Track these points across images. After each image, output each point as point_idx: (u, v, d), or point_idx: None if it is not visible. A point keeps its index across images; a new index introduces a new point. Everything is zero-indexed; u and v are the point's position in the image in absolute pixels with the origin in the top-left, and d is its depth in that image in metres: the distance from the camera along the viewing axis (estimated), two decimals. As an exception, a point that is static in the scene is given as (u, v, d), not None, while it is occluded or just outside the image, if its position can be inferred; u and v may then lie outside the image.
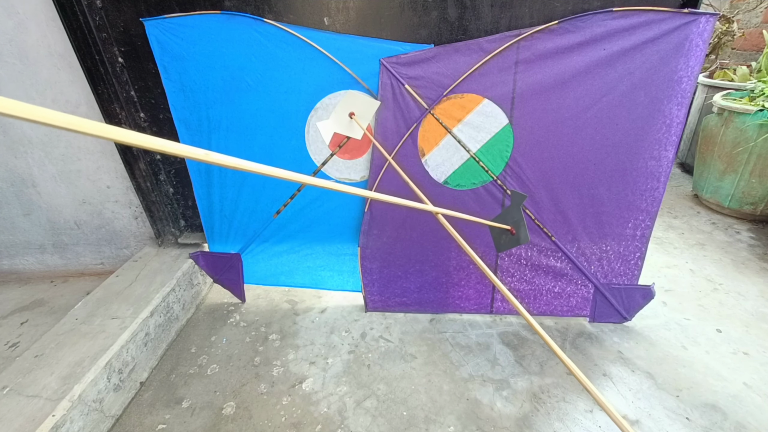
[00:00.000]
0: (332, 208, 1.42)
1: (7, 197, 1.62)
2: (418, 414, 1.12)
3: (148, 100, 1.39)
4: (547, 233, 1.32)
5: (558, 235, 1.32)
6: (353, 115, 1.23)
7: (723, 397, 1.12)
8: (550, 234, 1.31)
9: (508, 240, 1.08)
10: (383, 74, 1.20)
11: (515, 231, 1.04)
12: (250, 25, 1.18)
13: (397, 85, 1.21)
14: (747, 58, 2.68)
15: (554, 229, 1.31)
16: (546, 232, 1.32)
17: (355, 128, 1.24)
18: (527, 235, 1.04)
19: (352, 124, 1.24)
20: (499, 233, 1.10)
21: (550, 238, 1.32)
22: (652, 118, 1.15)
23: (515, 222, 1.05)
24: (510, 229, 1.05)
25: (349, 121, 1.24)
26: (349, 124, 1.24)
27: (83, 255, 1.76)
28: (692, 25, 1.05)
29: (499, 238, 1.11)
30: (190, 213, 1.62)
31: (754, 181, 1.90)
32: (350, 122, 1.24)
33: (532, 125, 1.21)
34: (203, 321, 1.51)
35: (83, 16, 1.22)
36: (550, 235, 1.31)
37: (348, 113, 1.23)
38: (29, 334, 1.46)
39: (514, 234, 1.05)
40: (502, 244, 1.10)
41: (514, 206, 1.07)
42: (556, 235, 1.32)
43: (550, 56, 1.13)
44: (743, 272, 1.64)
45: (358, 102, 1.21)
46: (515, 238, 1.06)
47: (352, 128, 1.24)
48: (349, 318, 1.49)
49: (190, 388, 1.22)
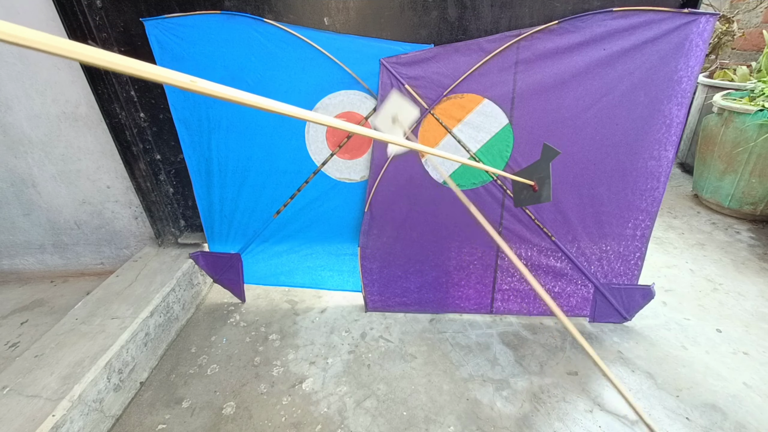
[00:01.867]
0: (332, 208, 1.42)
1: (7, 197, 1.62)
2: (418, 414, 1.12)
3: (148, 100, 1.39)
4: (547, 233, 1.31)
5: (558, 235, 1.32)
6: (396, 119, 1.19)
7: (723, 397, 1.12)
8: (550, 234, 1.31)
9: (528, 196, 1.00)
10: (383, 74, 1.20)
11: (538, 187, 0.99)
12: (250, 25, 1.18)
13: (397, 85, 1.21)
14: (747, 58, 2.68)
15: (554, 229, 1.31)
16: (546, 232, 1.32)
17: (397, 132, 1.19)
18: (550, 194, 0.96)
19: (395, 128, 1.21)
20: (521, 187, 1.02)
21: (550, 238, 1.32)
22: (652, 118, 1.15)
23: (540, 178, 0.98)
24: (533, 184, 1.00)
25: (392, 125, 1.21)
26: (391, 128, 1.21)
27: (83, 255, 1.76)
28: (692, 25, 1.05)
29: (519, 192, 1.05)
30: (190, 213, 1.62)
31: (754, 181, 1.90)
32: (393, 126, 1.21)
33: (532, 125, 1.21)
34: (203, 321, 1.51)
35: (83, 16, 1.22)
36: (550, 235, 1.31)
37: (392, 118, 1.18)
38: (29, 334, 1.46)
39: (536, 191, 0.99)
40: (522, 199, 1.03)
41: (543, 161, 0.98)
42: (556, 235, 1.32)
43: (550, 56, 1.13)
44: (743, 272, 1.64)
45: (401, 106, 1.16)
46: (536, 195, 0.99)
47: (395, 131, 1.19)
48: (349, 318, 1.49)
49: (190, 388, 1.22)
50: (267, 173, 1.38)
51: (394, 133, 1.17)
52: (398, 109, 1.17)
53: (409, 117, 1.18)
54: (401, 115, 1.17)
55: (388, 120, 1.18)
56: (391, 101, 1.18)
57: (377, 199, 1.36)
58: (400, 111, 1.17)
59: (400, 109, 1.17)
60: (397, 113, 1.17)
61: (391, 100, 1.18)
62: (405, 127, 1.16)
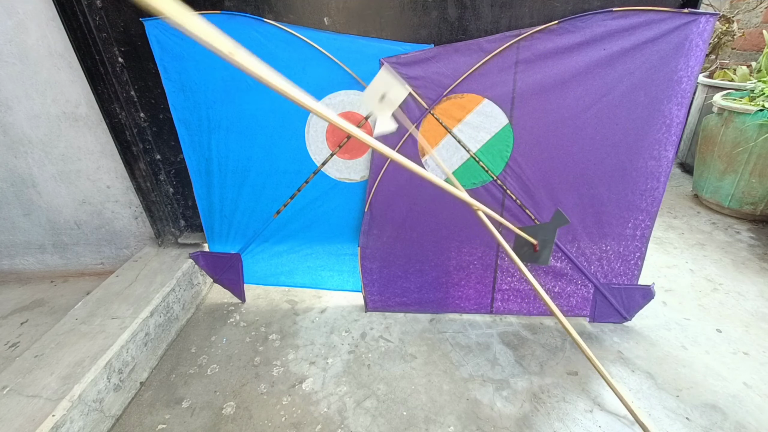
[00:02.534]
0: (332, 208, 1.42)
1: (7, 197, 1.62)
2: (418, 414, 1.12)
3: (148, 100, 1.39)
4: (547, 233, 1.32)
5: (558, 234, 1.32)
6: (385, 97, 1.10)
7: (723, 397, 1.12)
8: (550, 234, 1.31)
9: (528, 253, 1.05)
10: (383, 74, 1.20)
11: (539, 248, 1.02)
12: (250, 25, 1.18)
13: (397, 85, 1.21)
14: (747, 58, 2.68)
15: (554, 229, 1.31)
16: (546, 232, 1.32)
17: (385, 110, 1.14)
18: (548, 258, 1.00)
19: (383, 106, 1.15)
20: (522, 243, 1.07)
21: (550, 238, 1.32)
22: (652, 118, 1.15)
23: (543, 241, 1.02)
24: (535, 244, 1.03)
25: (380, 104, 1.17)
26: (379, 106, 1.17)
27: (83, 255, 1.76)
28: (692, 25, 1.05)
29: (520, 247, 1.08)
30: (190, 213, 1.62)
31: (754, 181, 1.90)
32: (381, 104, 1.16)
33: (532, 125, 1.21)
34: (203, 321, 1.51)
35: (83, 16, 1.22)
36: (550, 235, 1.32)
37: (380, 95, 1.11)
38: (29, 334, 1.46)
39: (537, 251, 1.02)
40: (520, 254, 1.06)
41: (552, 226, 1.02)
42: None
43: (550, 56, 1.13)
44: (743, 272, 1.64)
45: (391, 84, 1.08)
46: (535, 255, 1.02)
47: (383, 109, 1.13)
48: (349, 318, 1.49)
49: (190, 388, 1.22)
50: (267, 173, 1.38)
51: (381, 112, 1.15)
52: (386, 88, 1.14)
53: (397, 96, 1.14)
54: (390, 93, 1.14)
55: (376, 98, 1.14)
56: (379, 79, 1.14)
57: (377, 199, 1.36)
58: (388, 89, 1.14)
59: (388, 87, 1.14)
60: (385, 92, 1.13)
61: (379, 77, 1.14)
62: (393, 106, 1.13)
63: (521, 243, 1.07)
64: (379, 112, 1.15)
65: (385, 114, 1.15)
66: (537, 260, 1.03)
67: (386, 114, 1.15)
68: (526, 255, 1.05)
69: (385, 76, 1.14)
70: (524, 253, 1.06)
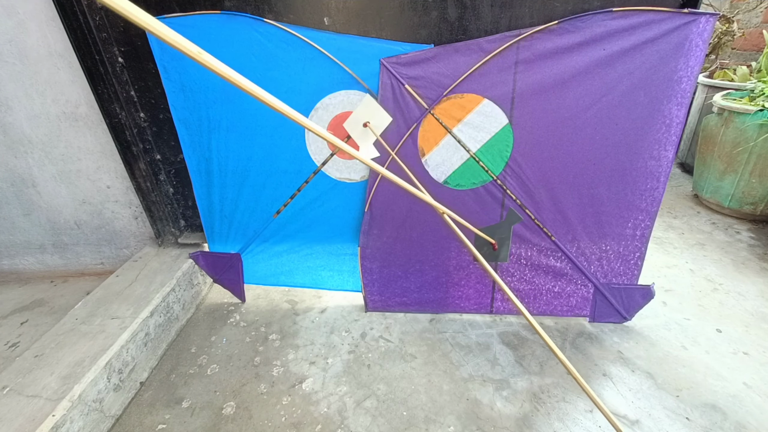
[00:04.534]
0: (332, 208, 1.42)
1: (7, 197, 1.62)
2: (418, 414, 1.12)
3: (148, 100, 1.39)
4: (547, 233, 1.31)
5: (558, 234, 1.32)
6: (368, 124, 1.21)
7: (723, 397, 1.12)
8: (550, 234, 1.31)
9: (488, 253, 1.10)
10: (383, 74, 1.20)
11: (497, 247, 1.05)
12: (250, 25, 1.18)
13: (397, 85, 1.21)
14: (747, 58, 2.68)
15: (554, 228, 1.31)
16: (546, 232, 1.31)
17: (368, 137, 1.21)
18: (507, 255, 1.04)
19: (366, 132, 1.22)
20: (482, 243, 1.10)
21: (550, 237, 1.32)
22: (652, 118, 1.15)
23: (501, 239, 1.06)
24: (494, 243, 1.06)
25: (363, 130, 1.22)
26: (362, 133, 1.22)
27: (83, 255, 1.76)
28: (692, 25, 1.05)
29: (480, 248, 1.12)
30: (190, 213, 1.62)
31: (754, 181, 1.90)
32: (364, 131, 1.22)
33: (532, 125, 1.21)
34: (203, 321, 1.51)
35: (83, 16, 1.22)
36: (550, 234, 1.31)
37: (362, 122, 1.20)
38: (29, 334, 1.46)
39: (496, 249, 1.06)
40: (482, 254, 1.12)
41: (507, 224, 1.07)
42: (556, 235, 1.32)
43: (549, 56, 1.13)
44: (743, 272, 1.64)
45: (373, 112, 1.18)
46: (495, 253, 1.07)
47: (365, 136, 1.21)
48: (349, 318, 1.49)
49: (190, 388, 1.22)
50: (267, 173, 1.38)
51: (364, 139, 1.22)
52: (370, 115, 1.21)
53: (380, 123, 1.21)
54: (373, 120, 1.21)
55: (359, 124, 1.22)
56: (363, 106, 1.21)
57: (377, 199, 1.36)
58: (372, 116, 1.21)
59: (372, 114, 1.21)
60: (368, 119, 1.21)
61: (363, 104, 1.21)
62: (376, 133, 1.21)
63: (481, 243, 1.12)
64: (362, 140, 1.23)
65: (368, 141, 1.23)
66: (497, 258, 1.08)
67: (369, 141, 1.23)
68: (487, 254, 1.11)
69: (369, 104, 1.20)
70: (485, 253, 1.12)
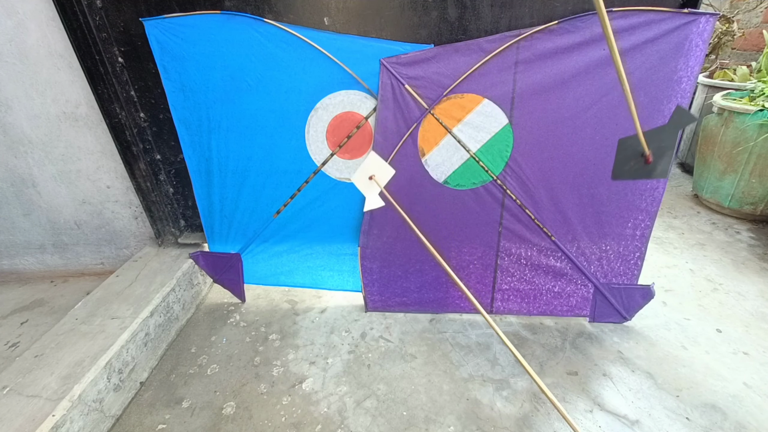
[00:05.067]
0: (332, 208, 1.42)
1: (7, 197, 1.62)
2: (418, 414, 1.12)
3: (148, 100, 1.39)
4: (547, 233, 1.31)
5: (558, 234, 1.32)
6: (373, 177, 1.31)
7: (723, 397, 1.12)
8: (550, 234, 1.31)
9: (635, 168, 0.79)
10: (383, 74, 1.20)
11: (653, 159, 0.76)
12: (250, 25, 1.18)
13: (397, 85, 1.21)
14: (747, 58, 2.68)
15: (554, 228, 1.31)
16: (546, 232, 1.31)
17: (373, 188, 1.32)
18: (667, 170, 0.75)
19: (372, 185, 1.31)
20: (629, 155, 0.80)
21: (550, 237, 1.32)
22: (652, 118, 1.15)
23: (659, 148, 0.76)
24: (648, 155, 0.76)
25: (369, 182, 1.32)
26: (368, 185, 1.32)
27: (83, 255, 1.76)
28: (692, 25, 1.05)
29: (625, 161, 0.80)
30: (190, 213, 1.62)
31: (754, 181, 1.90)
32: (370, 183, 1.32)
33: (532, 125, 1.21)
34: (203, 321, 1.51)
35: (83, 16, 1.22)
36: (550, 234, 1.31)
37: (368, 176, 1.31)
38: (29, 334, 1.46)
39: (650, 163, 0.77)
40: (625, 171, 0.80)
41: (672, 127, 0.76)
42: (556, 235, 1.32)
43: (549, 56, 1.13)
44: (743, 272, 1.64)
45: (378, 166, 1.29)
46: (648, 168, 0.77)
47: (371, 188, 1.32)
48: (349, 318, 1.49)
49: (190, 388, 1.22)
50: (267, 173, 1.38)
51: (370, 190, 1.33)
52: (375, 169, 1.29)
53: (384, 176, 1.30)
54: (378, 173, 1.30)
55: (365, 177, 1.31)
56: (369, 161, 1.30)
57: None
58: (377, 170, 1.29)
59: (377, 168, 1.29)
60: (374, 172, 1.30)
61: (369, 159, 1.29)
62: (380, 185, 1.30)
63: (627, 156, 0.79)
64: (368, 191, 1.32)
65: (374, 192, 1.32)
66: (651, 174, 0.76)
67: (374, 192, 1.32)
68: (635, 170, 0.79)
69: (374, 159, 1.28)
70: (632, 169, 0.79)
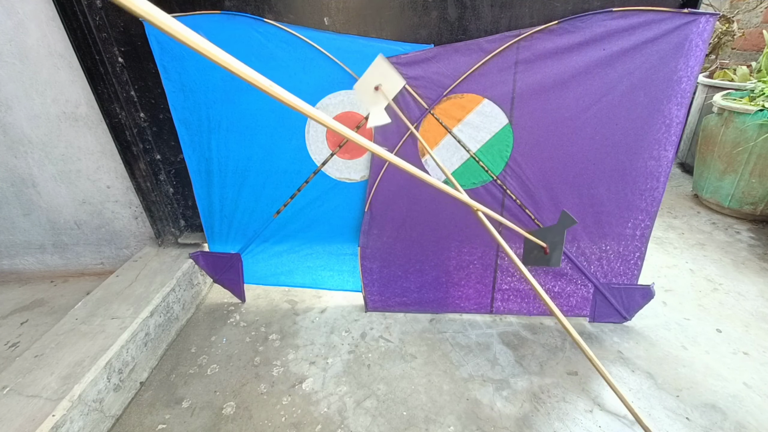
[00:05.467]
0: (332, 207, 1.42)
1: (7, 197, 1.62)
2: (418, 414, 1.12)
3: (148, 100, 1.39)
4: (547, 233, 1.32)
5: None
6: (379, 88, 1.10)
7: (723, 397, 1.12)
8: (550, 234, 1.31)
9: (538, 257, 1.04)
10: (383, 74, 1.20)
11: (549, 251, 1.00)
12: (250, 25, 1.18)
13: (397, 85, 1.21)
14: (747, 58, 2.68)
15: (554, 229, 1.31)
16: (546, 232, 1.32)
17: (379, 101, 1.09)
18: (559, 260, 0.98)
19: (377, 96, 1.10)
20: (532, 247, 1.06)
21: (550, 238, 1.32)
22: (652, 118, 1.15)
23: (553, 243, 1.00)
24: (545, 247, 1.01)
25: (374, 94, 1.11)
26: (373, 96, 1.11)
27: (83, 255, 1.76)
28: (692, 25, 1.05)
29: (530, 251, 1.06)
30: (190, 213, 1.62)
31: (754, 181, 1.90)
32: (375, 95, 1.11)
33: (532, 125, 1.21)
34: (203, 321, 1.51)
35: (83, 16, 1.22)
36: (550, 235, 1.32)
37: (374, 85, 1.10)
38: (29, 334, 1.46)
39: (547, 254, 1.01)
40: (531, 259, 1.05)
41: (560, 227, 1.00)
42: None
43: (549, 56, 1.13)
44: (743, 272, 1.64)
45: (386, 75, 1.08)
46: (546, 258, 1.00)
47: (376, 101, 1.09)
48: (349, 318, 1.49)
49: (190, 388, 1.22)
50: (267, 173, 1.38)
51: (375, 103, 1.11)
52: (382, 77, 1.11)
53: (393, 87, 1.12)
54: (385, 83, 1.11)
55: (371, 87, 1.12)
56: (374, 67, 1.10)
57: (377, 199, 1.36)
58: (384, 79, 1.11)
59: (384, 76, 1.11)
60: (380, 81, 1.11)
61: (374, 65, 1.11)
62: (388, 98, 1.11)
63: (531, 247, 1.06)
64: (373, 104, 1.12)
65: (380, 106, 1.12)
66: (548, 262, 1.02)
67: (381, 106, 1.12)
68: (537, 259, 1.04)
69: (380, 65, 1.10)
70: (535, 257, 1.05)
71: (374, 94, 1.13)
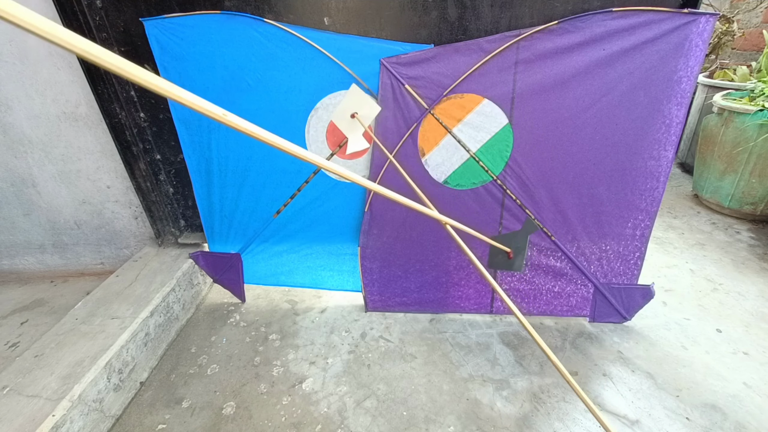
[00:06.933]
0: (332, 207, 1.42)
1: (7, 197, 1.62)
2: (418, 414, 1.12)
3: (148, 100, 1.39)
4: (547, 233, 1.31)
5: (558, 234, 1.32)
6: (355, 115, 1.18)
7: (723, 397, 1.12)
8: (550, 234, 1.31)
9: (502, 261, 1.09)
10: (383, 74, 1.20)
11: (512, 256, 1.04)
12: (250, 25, 1.18)
13: (397, 85, 1.21)
14: (747, 58, 2.68)
15: (554, 228, 1.31)
16: (546, 232, 1.31)
17: (356, 128, 1.18)
18: (522, 265, 1.03)
19: (354, 123, 1.18)
20: (497, 252, 1.10)
21: (550, 237, 1.32)
22: (652, 118, 1.15)
23: (517, 248, 1.05)
24: (509, 252, 1.05)
25: (351, 121, 1.18)
26: (350, 124, 1.19)
27: (83, 255, 1.76)
28: (692, 25, 1.05)
29: (495, 255, 1.12)
30: (190, 213, 1.62)
31: (754, 181, 1.90)
32: (352, 122, 1.19)
33: (532, 125, 1.21)
34: (203, 321, 1.51)
35: (83, 16, 1.22)
36: (550, 234, 1.31)
37: (350, 113, 1.17)
38: (29, 334, 1.46)
39: (511, 258, 1.05)
40: (495, 263, 1.10)
41: (523, 233, 1.06)
42: (556, 235, 1.32)
43: (549, 56, 1.13)
44: (743, 272, 1.64)
45: (361, 103, 1.15)
46: (509, 262, 1.06)
47: (353, 128, 1.18)
48: (349, 318, 1.49)
49: (190, 388, 1.22)
50: (267, 173, 1.38)
51: (352, 131, 1.17)
52: (358, 105, 1.16)
53: (369, 113, 1.16)
54: (361, 111, 1.16)
55: (346, 115, 1.16)
56: (349, 95, 1.16)
57: (377, 199, 1.36)
58: (359, 107, 1.15)
59: (359, 104, 1.15)
60: (356, 109, 1.16)
61: (350, 93, 1.15)
62: (364, 125, 1.16)
63: (495, 252, 1.11)
64: (350, 131, 1.18)
65: (357, 133, 1.19)
66: (512, 267, 1.07)
67: (358, 132, 1.19)
68: (501, 263, 1.10)
69: (355, 93, 1.15)
70: (500, 261, 1.11)
71: (351, 122, 1.18)
